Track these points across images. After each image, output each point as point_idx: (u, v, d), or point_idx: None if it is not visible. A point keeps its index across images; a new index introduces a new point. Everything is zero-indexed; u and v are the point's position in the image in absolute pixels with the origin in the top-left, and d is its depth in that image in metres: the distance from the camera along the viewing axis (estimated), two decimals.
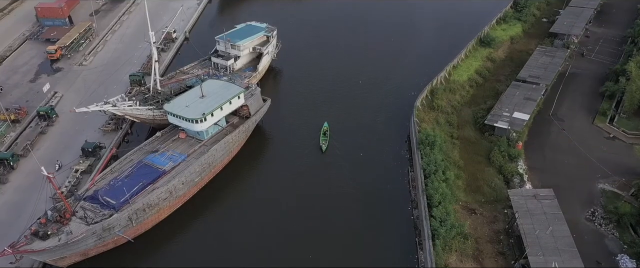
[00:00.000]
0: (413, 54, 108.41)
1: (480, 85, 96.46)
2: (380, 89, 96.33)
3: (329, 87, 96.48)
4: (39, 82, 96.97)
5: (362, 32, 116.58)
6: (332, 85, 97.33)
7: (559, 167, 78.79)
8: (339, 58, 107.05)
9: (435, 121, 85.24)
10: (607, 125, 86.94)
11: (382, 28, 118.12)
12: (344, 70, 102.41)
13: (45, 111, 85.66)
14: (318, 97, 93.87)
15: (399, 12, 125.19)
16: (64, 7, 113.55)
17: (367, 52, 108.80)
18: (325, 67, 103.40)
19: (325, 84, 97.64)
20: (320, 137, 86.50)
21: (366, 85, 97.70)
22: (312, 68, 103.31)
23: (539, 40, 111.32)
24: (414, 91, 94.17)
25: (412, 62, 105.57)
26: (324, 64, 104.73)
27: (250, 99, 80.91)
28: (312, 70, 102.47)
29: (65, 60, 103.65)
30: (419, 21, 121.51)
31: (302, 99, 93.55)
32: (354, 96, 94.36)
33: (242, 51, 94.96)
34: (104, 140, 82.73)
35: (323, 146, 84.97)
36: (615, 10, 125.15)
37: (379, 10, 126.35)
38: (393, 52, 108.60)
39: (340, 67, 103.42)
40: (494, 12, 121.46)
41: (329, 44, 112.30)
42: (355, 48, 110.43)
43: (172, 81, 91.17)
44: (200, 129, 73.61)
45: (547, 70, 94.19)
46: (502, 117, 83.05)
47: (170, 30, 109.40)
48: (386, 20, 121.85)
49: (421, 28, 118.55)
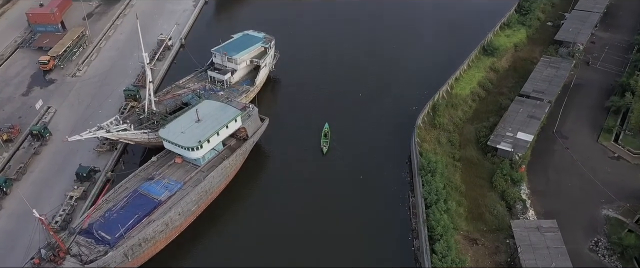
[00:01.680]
0: (415, 62, 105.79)
1: (482, 99, 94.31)
2: (380, 103, 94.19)
3: (327, 101, 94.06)
4: (32, 96, 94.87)
5: (362, 37, 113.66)
6: (331, 98, 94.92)
7: (563, 190, 77.42)
8: (338, 66, 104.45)
9: (436, 141, 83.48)
10: (612, 143, 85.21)
11: (384, 32, 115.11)
12: (343, 80, 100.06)
13: (38, 131, 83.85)
14: (316, 112, 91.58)
15: (400, 15, 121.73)
16: (56, 13, 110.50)
17: (368, 59, 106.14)
18: (325, 77, 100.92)
19: (324, 97, 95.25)
20: (321, 138, 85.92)
21: (366, 97, 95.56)
22: (311, 78, 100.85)
23: (544, 47, 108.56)
24: (415, 105, 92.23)
25: (413, 71, 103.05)
26: (323, 73, 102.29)
27: (248, 120, 78.98)
28: (311, 80, 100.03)
29: (59, 70, 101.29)
30: (422, 25, 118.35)
31: (299, 115, 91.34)
32: (354, 111, 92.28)
33: (239, 64, 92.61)
34: (99, 162, 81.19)
35: (324, 148, 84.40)
36: (622, 13, 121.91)
37: (380, 13, 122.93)
38: (394, 60, 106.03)
39: (339, 77, 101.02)
40: (499, 14, 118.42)
41: (328, 50, 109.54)
42: (355, 55, 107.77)
43: (167, 97, 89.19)
44: (196, 156, 72.01)
45: (551, 84, 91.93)
46: (505, 137, 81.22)
47: (165, 37, 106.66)
48: (387, 23, 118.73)
49: (424, 32, 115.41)
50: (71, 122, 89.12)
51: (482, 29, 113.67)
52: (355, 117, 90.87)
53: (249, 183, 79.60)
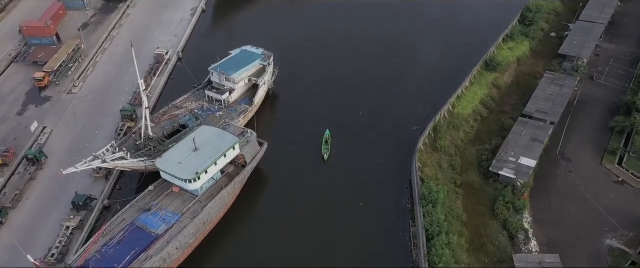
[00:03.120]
0: (416, 76, 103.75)
1: (485, 118, 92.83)
2: (381, 122, 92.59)
3: (326, 120, 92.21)
4: (27, 115, 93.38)
5: (362, 50, 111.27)
6: (330, 116, 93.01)
7: (565, 217, 76.50)
8: (338, 80, 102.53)
9: (437, 165, 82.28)
10: (615, 166, 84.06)
11: (384, 45, 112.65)
12: (343, 96, 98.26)
13: (33, 155, 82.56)
14: (314, 131, 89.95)
15: (400, 26, 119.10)
16: (51, 25, 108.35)
17: (368, 74, 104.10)
18: (324, 92, 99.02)
19: (323, 115, 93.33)
20: (322, 145, 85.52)
21: (366, 116, 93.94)
22: (309, 94, 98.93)
23: (547, 60, 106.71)
24: (416, 125, 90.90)
25: (414, 86, 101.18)
26: (322, 88, 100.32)
27: (246, 146, 77.67)
28: (309, 97, 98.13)
29: (54, 87, 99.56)
30: (423, 36, 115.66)
31: (297, 134, 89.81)
32: (353, 131, 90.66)
33: (237, 83, 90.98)
34: (95, 187, 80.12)
35: (325, 155, 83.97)
36: (627, 21, 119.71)
37: (381, 24, 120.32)
38: (395, 75, 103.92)
39: (339, 92, 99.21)
40: (501, 23, 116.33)
41: (328, 62, 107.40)
42: (355, 67, 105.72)
43: (164, 118, 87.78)
44: (193, 188, 70.95)
45: (554, 103, 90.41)
46: (508, 162, 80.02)
47: (162, 51, 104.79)
48: (388, 35, 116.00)
49: (425, 45, 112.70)
50: (67, 144, 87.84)
51: (485, 40, 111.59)
52: (354, 138, 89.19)
53: (247, 208, 78.61)
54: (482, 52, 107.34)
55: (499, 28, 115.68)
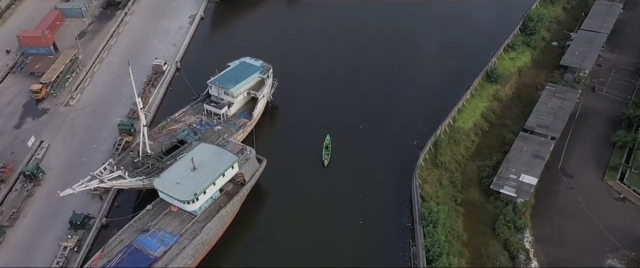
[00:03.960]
0: (417, 86, 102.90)
1: (486, 132, 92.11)
2: (381, 135, 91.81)
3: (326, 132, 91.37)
4: (24, 129, 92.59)
5: (362, 59, 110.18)
6: (330, 129, 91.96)
7: (567, 236, 76.15)
8: (337, 89, 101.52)
9: (438, 182, 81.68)
10: (617, 183, 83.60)
11: (384, 54, 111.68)
12: (342, 107, 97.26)
13: (31, 172, 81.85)
14: (314, 146, 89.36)
15: (401, 35, 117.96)
16: (48, 35, 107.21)
17: (368, 83, 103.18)
18: (323, 104, 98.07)
19: (322, 128, 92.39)
20: (323, 151, 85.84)
21: (366, 129, 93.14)
22: (309, 105, 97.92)
23: (549, 71, 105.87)
24: (416, 139, 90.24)
25: (416, 97, 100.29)
26: (322, 98, 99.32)
27: (245, 164, 76.99)
28: (309, 109, 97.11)
29: (51, 99, 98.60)
30: (424, 44, 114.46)
31: (296, 147, 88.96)
32: (354, 145, 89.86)
33: (236, 97, 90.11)
34: (93, 204, 79.51)
35: (325, 161, 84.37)
36: (629, 29, 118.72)
37: (380, 28, 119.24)
38: (396, 85, 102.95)
39: (339, 103, 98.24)
40: (503, 32, 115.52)
41: (327, 71, 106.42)
42: (354, 78, 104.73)
43: (162, 133, 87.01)
44: (192, 209, 70.42)
45: (556, 118, 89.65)
46: (509, 180, 79.45)
47: (161, 62, 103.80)
48: (388, 41, 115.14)
49: (426, 54, 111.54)
50: (64, 158, 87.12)
51: (486, 48, 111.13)
52: (354, 152, 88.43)
53: (246, 226, 78.08)
54: (483, 60, 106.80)
55: (500, 35, 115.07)
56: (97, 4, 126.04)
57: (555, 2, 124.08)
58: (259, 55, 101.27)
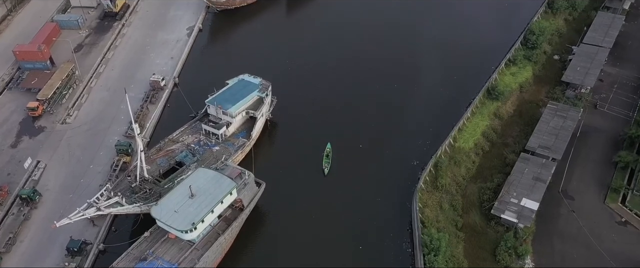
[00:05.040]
0: (417, 103, 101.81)
1: (486, 152, 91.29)
2: (381, 155, 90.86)
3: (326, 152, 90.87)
4: (21, 148, 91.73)
5: (362, 73, 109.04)
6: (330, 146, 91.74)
7: (568, 261, 75.70)
8: (337, 106, 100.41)
9: (438, 206, 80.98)
10: (619, 205, 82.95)
11: (385, 68, 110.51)
12: (343, 127, 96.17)
13: (27, 195, 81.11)
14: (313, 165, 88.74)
15: (401, 47, 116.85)
16: (44, 49, 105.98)
17: (368, 101, 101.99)
18: (323, 121, 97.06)
19: (322, 145, 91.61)
20: (323, 159, 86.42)
21: (367, 148, 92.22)
22: (308, 124, 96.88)
23: (550, 86, 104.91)
24: (416, 159, 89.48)
25: (416, 114, 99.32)
26: (321, 116, 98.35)
27: (244, 190, 76.25)
28: (308, 127, 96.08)
29: (48, 116, 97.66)
30: (424, 59, 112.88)
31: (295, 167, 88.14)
32: (353, 166, 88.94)
33: (235, 117, 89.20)
34: (90, 229, 78.78)
35: (325, 169, 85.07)
36: (632, 42, 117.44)
37: (380, 42, 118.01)
38: (396, 101, 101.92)
39: (338, 121, 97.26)
40: (504, 46, 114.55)
41: (326, 86, 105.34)
42: (354, 94, 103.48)
43: (160, 155, 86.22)
44: (190, 237, 69.69)
45: (558, 138, 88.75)
46: (510, 205, 78.71)
47: (158, 78, 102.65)
48: (388, 57, 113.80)
49: (426, 68, 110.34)
50: (61, 180, 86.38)
51: (486, 62, 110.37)
52: (353, 174, 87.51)
53: (245, 251, 77.45)
54: (483, 75, 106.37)
55: (501, 47, 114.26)
56: (94, 15, 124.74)
57: (556, 13, 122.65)
58: (257, 68, 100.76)
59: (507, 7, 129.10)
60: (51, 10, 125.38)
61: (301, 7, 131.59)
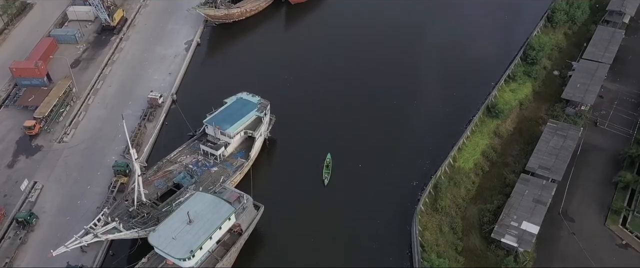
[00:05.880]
0: (416, 121, 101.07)
1: (486, 172, 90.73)
2: (380, 175, 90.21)
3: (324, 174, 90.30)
4: (17, 168, 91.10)
5: (360, 89, 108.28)
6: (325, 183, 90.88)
7: None
8: (336, 123, 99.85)
9: (438, 228, 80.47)
10: (619, 228, 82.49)
11: (384, 83, 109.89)
12: (341, 144, 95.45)
13: (24, 218, 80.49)
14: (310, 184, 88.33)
15: (400, 62, 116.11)
16: (41, 66, 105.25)
17: (368, 117, 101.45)
18: (322, 140, 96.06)
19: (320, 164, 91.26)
20: (323, 169, 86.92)
21: (366, 169, 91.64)
22: (306, 141, 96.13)
23: (550, 103, 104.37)
24: (415, 180, 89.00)
25: (415, 132, 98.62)
26: (320, 134, 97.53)
27: (242, 214, 75.71)
28: (306, 145, 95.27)
29: (45, 134, 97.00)
30: (423, 75, 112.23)
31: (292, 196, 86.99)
32: (352, 185, 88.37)
33: (233, 138, 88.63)
34: (87, 253, 78.02)
35: (325, 180, 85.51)
36: (631, 57, 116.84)
37: (379, 59, 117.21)
38: (395, 119, 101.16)
39: (337, 140, 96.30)
40: (503, 58, 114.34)
41: (326, 103, 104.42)
42: (354, 111, 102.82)
43: (158, 175, 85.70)
44: (188, 265, 69.06)
45: (558, 159, 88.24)
46: (510, 228, 78.21)
47: (156, 95, 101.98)
48: (387, 71, 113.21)
49: (425, 84, 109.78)
50: (58, 201, 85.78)
51: (488, 78, 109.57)
52: (352, 195, 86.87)
53: None
54: (483, 90, 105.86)
55: (501, 62, 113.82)
56: (92, 28, 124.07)
57: (556, 27, 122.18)
58: (256, 82, 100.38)
59: (506, 20, 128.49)
60: (49, 23, 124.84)
61: (300, 21, 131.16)
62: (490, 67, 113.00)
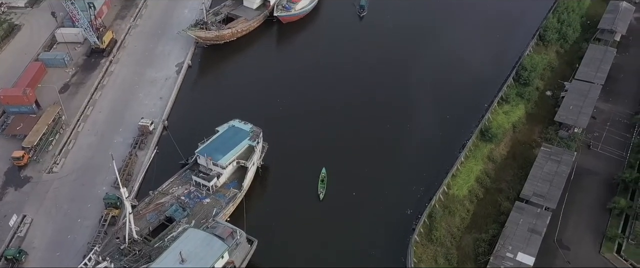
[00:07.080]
0: (410, 145, 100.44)
1: (481, 200, 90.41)
2: (374, 203, 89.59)
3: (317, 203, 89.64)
4: (6, 201, 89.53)
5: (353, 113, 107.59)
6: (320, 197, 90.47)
7: None
8: (329, 151, 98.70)
9: (433, 260, 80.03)
10: (614, 255, 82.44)
11: (376, 105, 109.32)
12: (334, 170, 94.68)
13: (13, 255, 79.10)
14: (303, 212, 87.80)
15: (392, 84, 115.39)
16: (30, 93, 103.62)
17: (360, 142, 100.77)
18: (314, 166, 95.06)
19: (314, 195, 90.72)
20: (318, 184, 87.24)
21: (359, 197, 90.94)
22: (299, 167, 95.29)
23: (543, 125, 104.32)
24: (410, 208, 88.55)
25: (409, 157, 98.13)
26: (312, 160, 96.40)
27: (236, 250, 74.94)
28: (299, 171, 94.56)
29: (34, 164, 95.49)
30: (415, 97, 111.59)
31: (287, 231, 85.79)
32: (345, 217, 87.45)
33: (225, 168, 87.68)
34: None
35: (321, 194, 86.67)
36: (623, 76, 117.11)
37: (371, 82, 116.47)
38: (388, 143, 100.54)
39: (330, 165, 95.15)
40: (495, 76, 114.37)
41: (317, 128, 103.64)
42: (347, 136, 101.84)
43: (149, 208, 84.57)
44: None
45: (552, 185, 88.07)
46: (505, 260, 77.88)
47: (147, 123, 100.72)
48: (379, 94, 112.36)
49: (417, 106, 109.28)
50: (48, 236, 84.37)
51: (481, 99, 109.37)
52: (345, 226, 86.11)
53: None
54: (476, 112, 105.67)
55: (493, 82, 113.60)
56: (81, 51, 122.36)
57: (548, 45, 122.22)
58: (247, 106, 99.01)
59: (498, 39, 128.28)
60: (37, 46, 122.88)
61: (291, 41, 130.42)
62: (482, 88, 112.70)
